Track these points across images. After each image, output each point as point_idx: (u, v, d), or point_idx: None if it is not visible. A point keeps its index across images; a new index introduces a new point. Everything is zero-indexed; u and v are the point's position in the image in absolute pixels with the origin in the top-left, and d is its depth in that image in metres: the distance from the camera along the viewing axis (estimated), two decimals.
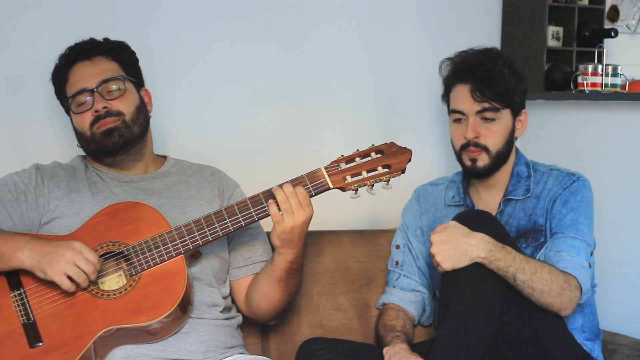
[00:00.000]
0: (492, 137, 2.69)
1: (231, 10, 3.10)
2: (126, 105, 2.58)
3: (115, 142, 2.56)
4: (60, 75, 2.62)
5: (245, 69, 3.12)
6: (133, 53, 2.68)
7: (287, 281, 2.56)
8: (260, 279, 2.61)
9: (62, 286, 2.33)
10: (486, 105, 2.67)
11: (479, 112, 2.68)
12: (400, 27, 3.31)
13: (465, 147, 2.70)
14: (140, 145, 2.62)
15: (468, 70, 2.69)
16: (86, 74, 2.58)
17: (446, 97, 2.78)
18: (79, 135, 2.60)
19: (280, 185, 2.44)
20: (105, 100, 2.55)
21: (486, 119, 2.68)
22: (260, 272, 2.63)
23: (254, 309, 2.65)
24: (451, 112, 2.75)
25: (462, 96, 2.70)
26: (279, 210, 2.42)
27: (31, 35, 2.88)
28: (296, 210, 2.42)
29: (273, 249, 2.54)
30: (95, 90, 2.55)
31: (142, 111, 2.62)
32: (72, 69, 2.60)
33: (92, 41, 2.64)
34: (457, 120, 2.73)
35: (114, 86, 2.58)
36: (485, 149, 2.69)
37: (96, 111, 2.55)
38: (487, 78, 2.66)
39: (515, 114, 2.73)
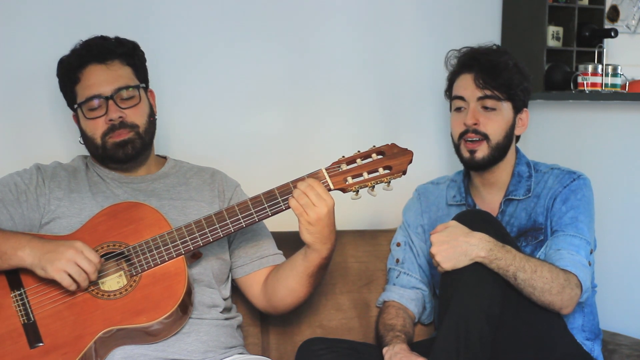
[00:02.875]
0: (492, 125, 2.69)
1: (233, 11, 3.10)
2: (140, 117, 2.56)
3: (128, 154, 2.56)
4: (71, 75, 2.56)
5: (247, 69, 3.12)
6: (143, 54, 2.65)
7: (316, 276, 2.56)
8: (287, 275, 2.59)
9: (63, 283, 2.33)
10: (488, 92, 2.68)
11: (480, 98, 2.69)
12: (401, 28, 3.31)
13: (464, 134, 2.70)
14: (147, 152, 2.63)
15: (473, 60, 2.72)
16: (101, 79, 2.53)
17: (449, 91, 2.79)
18: (88, 139, 2.58)
19: (290, 185, 2.44)
20: (120, 109, 2.52)
21: (487, 108, 2.69)
22: (285, 269, 2.61)
23: (277, 304, 2.64)
24: (453, 98, 2.76)
25: (465, 83, 2.72)
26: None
27: (33, 34, 2.87)
28: (317, 201, 2.40)
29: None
30: (110, 97, 2.52)
31: (152, 121, 2.61)
32: (85, 70, 2.55)
33: (107, 42, 2.58)
34: (458, 109, 2.74)
35: (129, 94, 2.55)
36: (485, 136, 2.69)
37: (111, 120, 2.52)
38: (492, 67, 2.69)
39: (517, 110, 2.74)
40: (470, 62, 2.73)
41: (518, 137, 2.80)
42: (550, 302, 2.50)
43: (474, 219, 2.53)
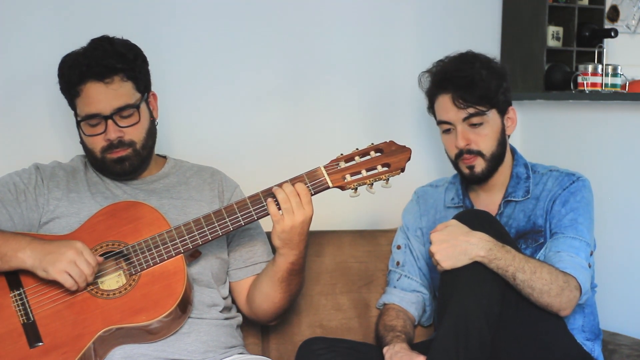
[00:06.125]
0: (484, 140, 2.68)
1: (232, 12, 3.10)
2: (138, 133, 2.54)
3: (125, 170, 2.56)
4: (71, 89, 2.53)
5: (247, 70, 3.12)
6: (145, 60, 2.61)
7: (288, 282, 2.55)
8: (262, 280, 2.60)
9: (65, 284, 2.33)
10: (471, 110, 2.66)
11: (465, 119, 2.67)
12: (401, 27, 3.32)
13: (459, 156, 2.70)
14: (146, 164, 2.63)
15: (446, 79, 2.69)
16: (100, 98, 2.50)
17: (431, 109, 2.78)
18: (87, 150, 2.58)
19: (280, 185, 2.44)
20: (119, 128, 2.51)
21: (474, 125, 2.68)
22: (261, 273, 2.63)
23: (255, 310, 2.65)
24: (439, 123, 2.74)
25: (446, 106, 2.69)
26: (279, 209, 2.42)
27: (33, 35, 2.87)
28: (296, 209, 2.41)
29: (274, 249, 2.53)
30: (109, 117, 2.50)
31: (152, 133, 2.60)
32: (84, 85, 2.51)
33: (108, 56, 2.51)
34: (447, 131, 2.72)
35: (128, 113, 2.52)
36: (479, 153, 2.69)
37: (109, 139, 2.51)
38: (466, 83, 2.66)
39: (502, 112, 2.73)
40: (444, 82, 2.69)
41: (509, 136, 2.79)
42: (549, 304, 2.49)
43: (474, 219, 2.53)
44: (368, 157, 2.46)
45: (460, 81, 2.66)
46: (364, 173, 2.45)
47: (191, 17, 3.06)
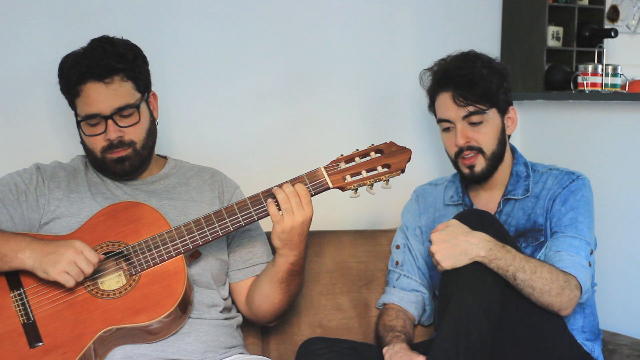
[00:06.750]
0: (483, 138, 2.68)
1: (233, 12, 3.11)
2: (138, 133, 2.54)
3: (126, 170, 2.56)
4: (71, 89, 2.53)
5: (246, 69, 3.13)
6: (145, 60, 2.60)
7: (288, 283, 2.55)
8: (261, 280, 2.60)
9: (66, 285, 2.33)
10: (471, 109, 2.67)
11: (465, 117, 2.67)
12: (400, 27, 3.32)
13: (459, 154, 2.70)
14: (146, 164, 2.63)
15: (447, 78, 2.69)
16: (100, 98, 2.50)
17: (432, 107, 2.78)
18: (88, 150, 2.58)
19: (280, 185, 2.44)
20: (119, 128, 2.51)
21: (473, 123, 2.68)
22: (261, 274, 2.63)
23: (255, 311, 2.65)
24: (439, 121, 2.75)
25: (446, 104, 2.70)
26: (279, 210, 2.42)
27: (33, 35, 2.87)
28: (296, 210, 2.41)
29: (274, 250, 2.53)
30: (109, 117, 2.50)
31: (152, 133, 2.60)
32: (84, 85, 2.51)
33: (108, 57, 2.51)
34: (447, 130, 2.73)
35: (128, 112, 2.52)
36: (479, 150, 2.69)
37: (109, 139, 2.51)
38: (467, 82, 2.66)
39: (503, 112, 2.73)
40: (445, 80, 2.70)
41: (509, 135, 2.79)
42: (550, 303, 2.49)
43: (475, 219, 2.53)
44: (368, 158, 2.46)
45: (461, 79, 2.67)
46: (364, 174, 2.45)
47: (191, 18, 3.07)
